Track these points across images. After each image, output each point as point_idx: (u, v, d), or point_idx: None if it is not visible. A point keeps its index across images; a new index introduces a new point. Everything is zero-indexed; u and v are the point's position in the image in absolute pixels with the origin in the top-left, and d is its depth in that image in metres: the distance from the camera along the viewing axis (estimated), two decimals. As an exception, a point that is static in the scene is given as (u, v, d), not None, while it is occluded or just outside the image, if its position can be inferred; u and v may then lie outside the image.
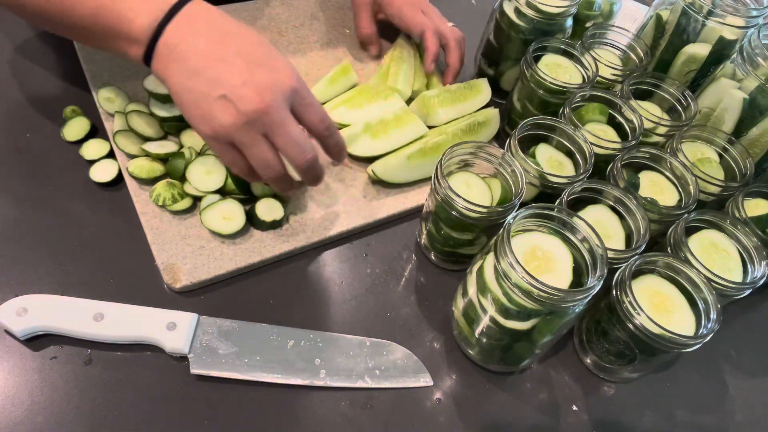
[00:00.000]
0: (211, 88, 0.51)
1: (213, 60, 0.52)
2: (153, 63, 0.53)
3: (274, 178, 0.56)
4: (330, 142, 0.59)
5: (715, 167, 0.67)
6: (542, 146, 0.65)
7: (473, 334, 0.56)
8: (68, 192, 0.64)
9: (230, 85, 0.51)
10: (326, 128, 0.57)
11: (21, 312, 0.53)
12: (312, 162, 0.56)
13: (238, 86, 0.51)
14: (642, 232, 0.56)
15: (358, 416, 0.55)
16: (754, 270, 0.57)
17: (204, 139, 0.55)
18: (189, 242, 0.61)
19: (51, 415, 0.51)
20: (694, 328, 0.52)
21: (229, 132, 0.52)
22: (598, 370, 0.62)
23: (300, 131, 0.54)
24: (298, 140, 0.54)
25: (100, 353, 0.55)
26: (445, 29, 0.81)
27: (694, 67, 0.75)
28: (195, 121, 0.53)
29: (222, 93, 0.51)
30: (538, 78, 0.69)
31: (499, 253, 0.48)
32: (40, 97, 0.71)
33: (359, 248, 0.67)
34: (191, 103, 0.52)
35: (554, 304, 0.47)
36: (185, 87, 0.52)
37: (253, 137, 0.52)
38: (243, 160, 0.55)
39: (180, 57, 0.52)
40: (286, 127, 0.53)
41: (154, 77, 0.66)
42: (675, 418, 0.61)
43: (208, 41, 0.52)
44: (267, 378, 0.55)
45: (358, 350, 0.58)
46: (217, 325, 0.57)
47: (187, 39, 0.52)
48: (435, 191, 0.57)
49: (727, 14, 0.69)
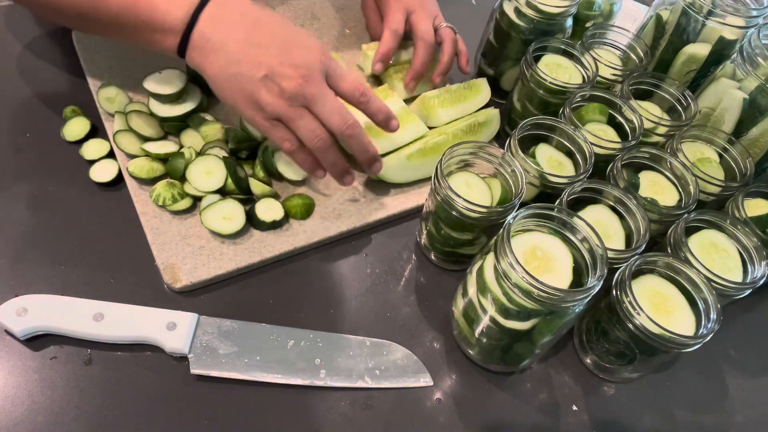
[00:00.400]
0: (253, 71, 0.55)
1: (250, 45, 0.56)
2: (188, 53, 0.57)
3: (323, 147, 0.59)
4: (371, 108, 0.62)
5: (715, 167, 0.67)
6: (542, 146, 0.65)
7: (473, 334, 0.56)
8: (68, 192, 0.64)
9: (269, 66, 0.55)
10: (362, 94, 0.61)
11: (21, 312, 0.53)
12: (355, 128, 0.59)
13: (277, 66, 0.56)
14: (642, 232, 0.56)
15: (358, 416, 0.55)
16: (754, 270, 0.57)
17: (251, 121, 0.59)
18: (189, 242, 0.61)
19: (51, 415, 0.51)
20: (694, 328, 0.52)
21: (275, 109, 0.57)
22: (598, 370, 0.62)
23: (339, 101, 0.59)
24: (339, 109, 0.58)
25: (100, 353, 0.55)
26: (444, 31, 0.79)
27: (694, 67, 0.75)
28: (242, 106, 0.57)
29: (263, 74, 0.55)
30: (538, 78, 0.69)
31: (499, 253, 0.48)
32: (40, 97, 0.71)
33: (359, 248, 0.67)
34: (236, 88, 0.56)
35: (554, 304, 0.47)
36: (228, 74, 0.56)
37: (297, 110, 0.57)
38: (291, 134, 0.59)
39: (219, 47, 0.56)
40: (326, 97, 0.58)
41: (153, 78, 0.67)
42: (675, 418, 0.61)
43: (243, 29, 0.56)
44: (267, 378, 0.55)
45: (358, 350, 0.58)
46: (217, 325, 0.57)
47: (221, 28, 0.56)
48: (435, 191, 0.57)
49: (727, 14, 0.69)
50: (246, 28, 0.56)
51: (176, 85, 0.67)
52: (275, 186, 0.68)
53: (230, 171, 0.64)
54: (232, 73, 0.56)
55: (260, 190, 0.65)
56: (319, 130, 0.58)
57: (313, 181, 0.69)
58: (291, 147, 0.60)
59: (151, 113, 0.67)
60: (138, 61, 0.73)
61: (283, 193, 0.67)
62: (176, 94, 0.67)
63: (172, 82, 0.67)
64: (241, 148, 0.67)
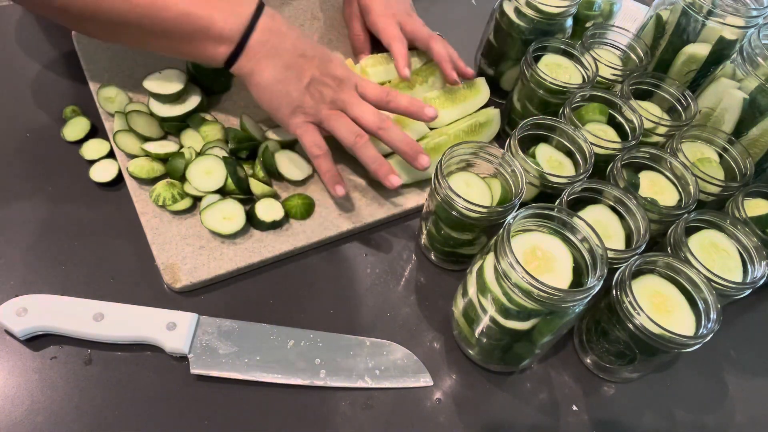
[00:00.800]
0: (299, 78, 0.62)
1: (297, 56, 0.62)
2: (239, 61, 0.61)
3: (361, 142, 0.64)
4: (402, 104, 0.66)
5: (715, 167, 0.67)
6: (542, 146, 0.65)
7: (473, 334, 0.56)
8: (68, 192, 0.64)
9: (313, 75, 0.62)
10: (388, 94, 0.66)
11: (21, 312, 0.53)
12: (390, 124, 0.64)
13: (318, 75, 0.63)
14: (642, 232, 0.56)
15: (358, 416, 0.55)
16: (754, 270, 0.57)
17: (286, 125, 0.64)
18: (189, 242, 0.61)
19: (51, 415, 0.51)
20: (694, 328, 0.52)
21: (317, 111, 0.63)
22: (598, 370, 0.62)
23: (371, 105, 0.65)
24: (372, 109, 0.65)
25: (100, 353, 0.55)
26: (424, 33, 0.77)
27: (694, 67, 0.75)
28: (284, 110, 0.63)
29: (308, 81, 0.62)
30: (538, 78, 0.69)
31: (499, 253, 0.48)
32: (40, 97, 0.71)
33: (359, 248, 0.67)
34: (282, 93, 0.62)
35: (554, 304, 0.47)
36: (278, 79, 0.61)
37: (336, 113, 0.64)
38: (321, 140, 0.64)
39: (272, 54, 0.61)
40: (360, 101, 0.65)
41: (153, 78, 0.67)
42: (675, 418, 0.61)
43: (291, 40, 0.62)
44: (267, 378, 0.55)
45: (358, 350, 0.58)
46: (217, 325, 0.57)
47: (274, 38, 0.61)
48: (435, 191, 0.57)
49: (727, 14, 0.69)
50: (293, 40, 0.62)
51: (176, 85, 0.67)
52: (275, 186, 0.68)
53: (230, 171, 0.64)
54: (281, 79, 0.61)
55: (260, 190, 0.65)
56: (356, 127, 0.64)
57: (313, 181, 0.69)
58: (320, 152, 0.64)
59: (151, 113, 0.67)
60: (138, 61, 0.73)
61: (283, 193, 0.67)
62: (176, 94, 0.67)
63: (172, 82, 0.67)
64: (241, 148, 0.67)
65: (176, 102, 0.68)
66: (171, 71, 0.68)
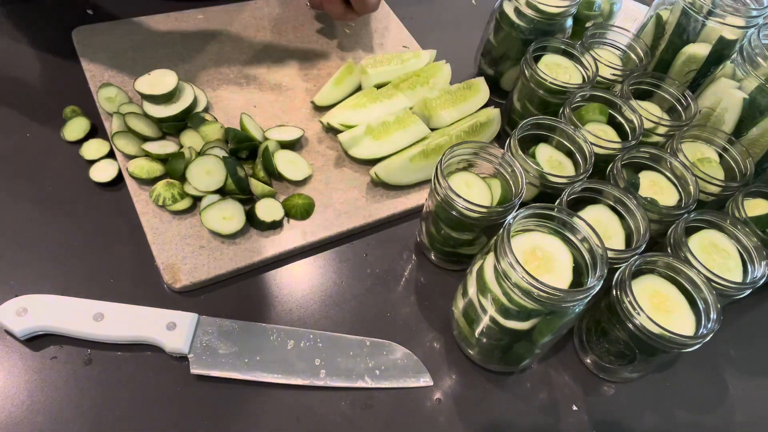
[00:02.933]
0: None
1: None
2: None
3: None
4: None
5: (715, 167, 0.67)
6: (542, 146, 0.65)
7: (473, 334, 0.56)
8: (68, 192, 0.64)
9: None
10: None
11: (21, 312, 0.53)
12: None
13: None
14: (642, 232, 0.56)
15: (358, 416, 0.55)
16: (754, 270, 0.57)
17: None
18: (189, 242, 0.61)
19: (51, 415, 0.51)
20: (694, 328, 0.52)
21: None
22: (598, 370, 0.62)
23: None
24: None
25: (100, 353, 0.55)
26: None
27: (694, 67, 0.75)
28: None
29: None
30: (538, 78, 0.69)
31: (499, 253, 0.48)
32: (40, 97, 0.71)
33: (359, 248, 0.67)
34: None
35: (554, 304, 0.47)
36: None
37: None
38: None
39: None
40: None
41: (143, 80, 0.67)
42: (675, 418, 0.61)
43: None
44: (267, 378, 0.55)
45: (358, 350, 0.58)
46: (217, 325, 0.57)
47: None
48: (435, 191, 0.57)
49: (727, 14, 0.69)
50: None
51: (167, 85, 0.67)
52: (275, 186, 0.68)
53: (230, 171, 0.64)
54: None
55: (260, 190, 0.65)
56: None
57: (313, 181, 0.69)
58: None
59: (145, 114, 0.67)
60: (138, 61, 0.74)
61: (283, 193, 0.67)
62: (168, 94, 0.67)
63: (162, 83, 0.67)
64: (241, 148, 0.67)
65: (169, 102, 0.68)
66: (160, 71, 0.68)
